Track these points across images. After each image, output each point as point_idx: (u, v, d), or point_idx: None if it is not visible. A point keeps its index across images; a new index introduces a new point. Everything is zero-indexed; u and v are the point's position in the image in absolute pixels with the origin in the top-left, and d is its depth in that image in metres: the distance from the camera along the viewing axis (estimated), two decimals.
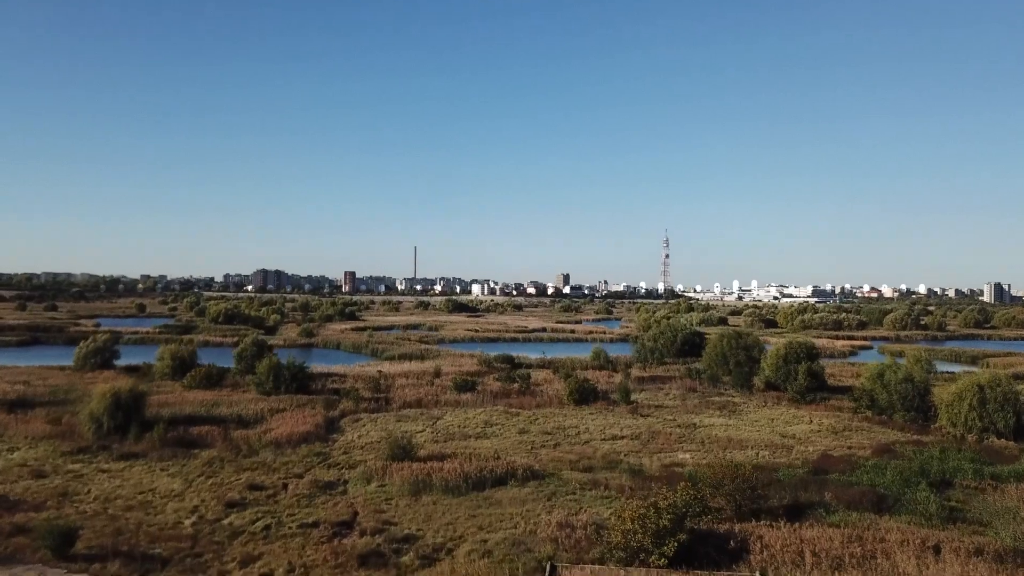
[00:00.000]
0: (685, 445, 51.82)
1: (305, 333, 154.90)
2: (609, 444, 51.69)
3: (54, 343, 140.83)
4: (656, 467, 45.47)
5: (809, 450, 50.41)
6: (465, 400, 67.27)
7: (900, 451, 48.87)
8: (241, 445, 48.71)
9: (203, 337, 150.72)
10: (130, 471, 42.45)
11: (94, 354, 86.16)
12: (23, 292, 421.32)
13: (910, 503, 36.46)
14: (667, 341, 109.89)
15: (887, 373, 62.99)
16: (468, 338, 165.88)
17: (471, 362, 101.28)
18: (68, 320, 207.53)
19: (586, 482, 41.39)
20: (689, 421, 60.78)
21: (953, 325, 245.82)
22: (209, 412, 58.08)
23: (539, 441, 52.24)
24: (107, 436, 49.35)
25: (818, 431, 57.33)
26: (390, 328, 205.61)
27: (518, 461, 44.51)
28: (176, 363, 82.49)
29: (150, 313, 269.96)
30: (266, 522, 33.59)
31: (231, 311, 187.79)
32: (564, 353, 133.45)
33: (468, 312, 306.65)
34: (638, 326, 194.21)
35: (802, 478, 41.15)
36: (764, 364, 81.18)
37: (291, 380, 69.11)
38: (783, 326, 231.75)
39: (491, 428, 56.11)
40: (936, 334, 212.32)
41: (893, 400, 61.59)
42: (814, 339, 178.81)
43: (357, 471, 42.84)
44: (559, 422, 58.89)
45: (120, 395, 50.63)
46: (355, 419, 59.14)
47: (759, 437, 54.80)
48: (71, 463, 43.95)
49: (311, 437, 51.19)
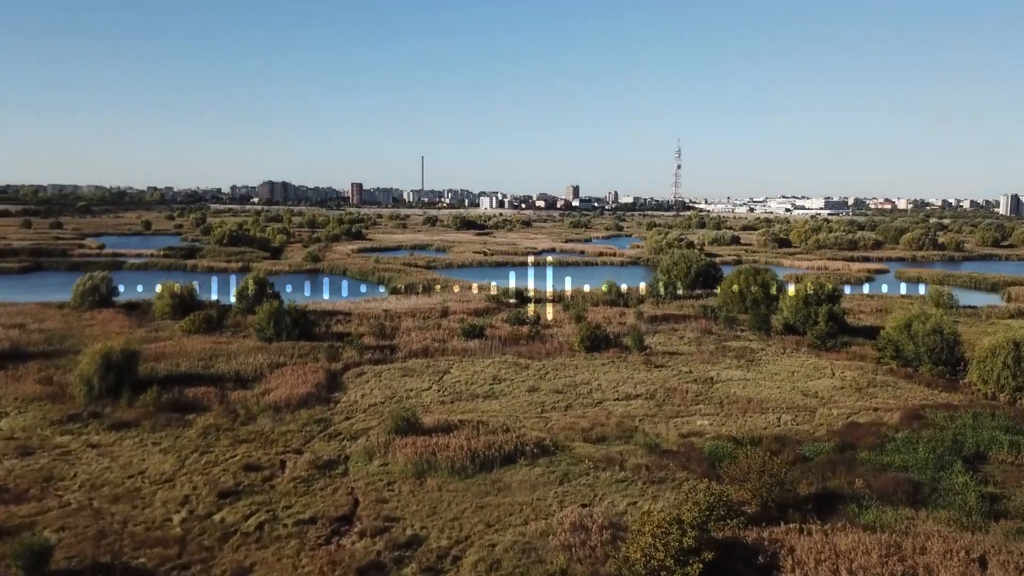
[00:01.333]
0: (703, 407, 49.48)
1: (311, 258, 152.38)
2: (623, 406, 49.40)
3: (57, 269, 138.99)
4: (673, 437, 43.23)
5: (833, 414, 48.01)
6: (473, 348, 64.88)
7: (930, 417, 46.40)
8: (239, 410, 46.59)
9: (207, 263, 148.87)
10: (120, 445, 40.40)
11: (92, 291, 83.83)
12: (29, 207, 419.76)
13: (947, 492, 34.21)
14: (680, 273, 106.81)
15: (915, 324, 60.01)
16: (476, 262, 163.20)
17: (479, 296, 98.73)
18: (72, 240, 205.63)
19: (600, 459, 39.17)
20: (705, 374, 58.35)
21: (970, 243, 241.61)
22: (206, 368, 55.83)
23: (549, 402, 49.97)
24: (99, 399, 47.25)
25: (841, 387, 54.86)
26: (397, 249, 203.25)
27: (528, 433, 42.23)
28: (176, 302, 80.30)
29: (156, 231, 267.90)
30: (260, 518, 31.52)
31: (236, 233, 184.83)
32: (574, 280, 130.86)
33: (476, 229, 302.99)
34: (649, 248, 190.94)
35: (829, 457, 38.79)
36: (783, 304, 78.24)
37: (292, 326, 66.74)
38: (797, 244, 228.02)
39: (500, 385, 53.82)
40: (953, 255, 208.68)
41: (920, 352, 58.84)
42: (828, 261, 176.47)
43: (359, 444, 40.74)
44: (570, 376, 56.54)
45: (111, 355, 48.27)
46: (359, 373, 56.92)
47: (779, 396, 52.39)
48: (60, 435, 41.92)
49: (311, 399, 49.01)
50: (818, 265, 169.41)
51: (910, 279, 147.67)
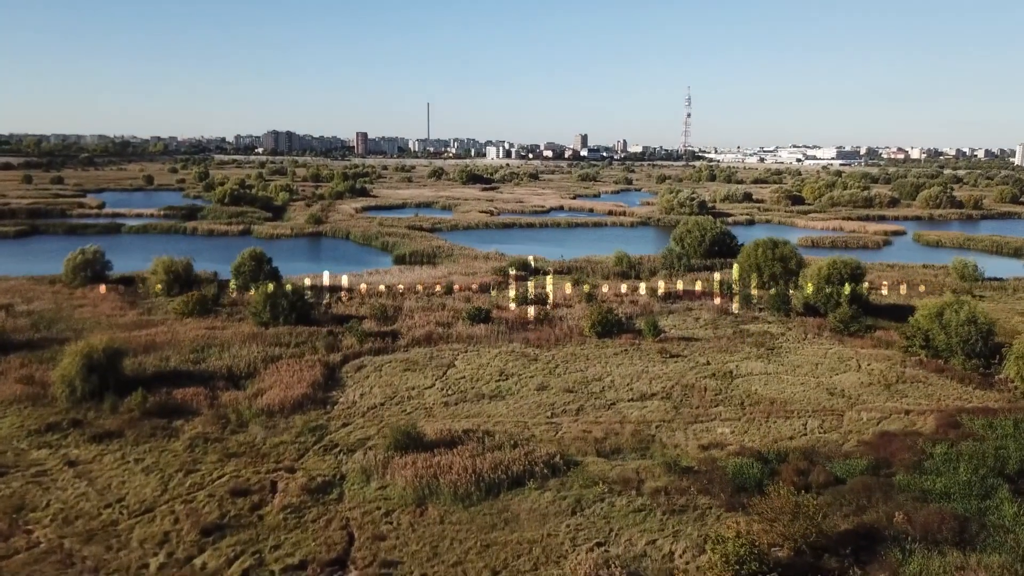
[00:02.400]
0: (722, 410, 46.49)
1: (313, 220, 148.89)
2: (638, 408, 46.42)
3: (54, 233, 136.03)
4: (693, 449, 40.35)
5: (863, 419, 44.97)
6: (478, 334, 61.80)
7: (967, 425, 43.33)
8: (230, 414, 43.85)
9: (207, 225, 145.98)
10: (101, 463, 37.68)
11: (84, 267, 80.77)
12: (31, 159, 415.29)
13: (996, 528, 31.32)
14: (694, 241, 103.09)
15: (947, 312, 56.57)
16: (483, 223, 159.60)
17: (485, 267, 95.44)
18: (73, 197, 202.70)
19: (615, 479, 36.33)
20: (724, 366, 55.25)
21: (988, 199, 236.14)
22: (197, 362, 52.92)
23: (560, 403, 47.02)
24: (81, 402, 44.56)
25: (868, 384, 51.70)
26: (402, 207, 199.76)
27: (537, 448, 39.33)
28: (170, 278, 77.40)
29: (158, 186, 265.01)
30: (245, 563, 28.80)
31: (237, 192, 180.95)
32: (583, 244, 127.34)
33: (483, 183, 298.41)
34: (660, 208, 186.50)
35: (864, 481, 35.82)
36: (803, 282, 74.80)
37: (290, 310, 63.71)
38: (810, 201, 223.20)
39: (507, 382, 50.82)
40: (971, 213, 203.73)
41: (952, 343, 55.51)
42: (843, 221, 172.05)
43: (356, 460, 37.98)
44: (581, 371, 53.50)
45: (93, 356, 45.38)
46: (358, 366, 54.01)
47: (804, 395, 49.31)
48: (37, 448, 39.25)
49: (307, 401, 46.16)
50: (833, 226, 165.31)
51: (929, 243, 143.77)
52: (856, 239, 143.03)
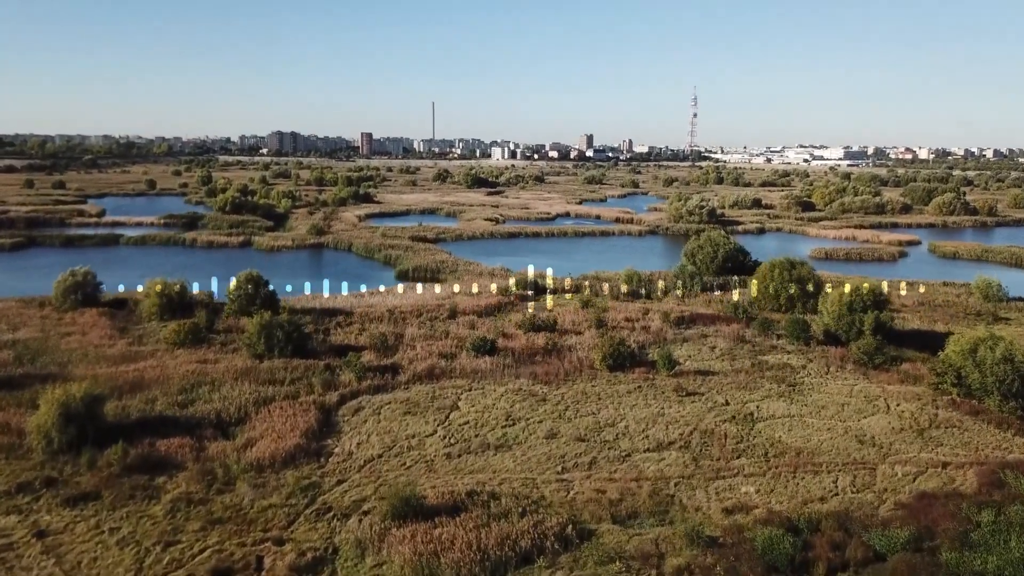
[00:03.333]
0: (746, 461, 43.29)
1: (315, 230, 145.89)
2: (655, 461, 43.24)
3: (51, 246, 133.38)
4: (716, 514, 37.20)
5: (898, 475, 41.73)
6: (483, 368, 58.66)
7: (1012, 485, 40.06)
8: (216, 469, 40.82)
9: (207, 236, 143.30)
10: (73, 532, 34.64)
11: (74, 289, 77.84)
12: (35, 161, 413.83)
13: None
14: (706, 258, 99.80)
15: (981, 348, 53.24)
16: (487, 232, 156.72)
17: (489, 285, 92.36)
18: (73, 204, 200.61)
19: (633, 554, 33.18)
20: (744, 407, 52.03)
21: (1002, 204, 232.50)
22: (185, 405, 49.80)
23: (571, 455, 43.85)
24: (58, 455, 41.60)
25: (900, 429, 48.42)
26: (406, 214, 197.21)
27: (548, 518, 36.10)
28: (163, 301, 74.44)
29: (160, 190, 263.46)
30: None
31: (239, 200, 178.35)
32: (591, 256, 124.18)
33: (487, 187, 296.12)
34: (669, 215, 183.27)
35: (907, 561, 32.57)
36: (823, 308, 71.49)
37: (286, 342, 60.67)
38: (821, 207, 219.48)
39: (513, 428, 47.64)
40: (986, 219, 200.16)
41: (988, 383, 52.19)
42: (855, 230, 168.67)
43: (350, 529, 34.89)
44: (593, 413, 50.29)
45: (71, 405, 42.38)
46: (356, 408, 50.92)
47: (831, 443, 46.06)
48: (6, 512, 36.23)
49: (299, 453, 43.08)
50: (846, 235, 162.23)
51: (946, 254, 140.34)
52: (871, 251, 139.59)
